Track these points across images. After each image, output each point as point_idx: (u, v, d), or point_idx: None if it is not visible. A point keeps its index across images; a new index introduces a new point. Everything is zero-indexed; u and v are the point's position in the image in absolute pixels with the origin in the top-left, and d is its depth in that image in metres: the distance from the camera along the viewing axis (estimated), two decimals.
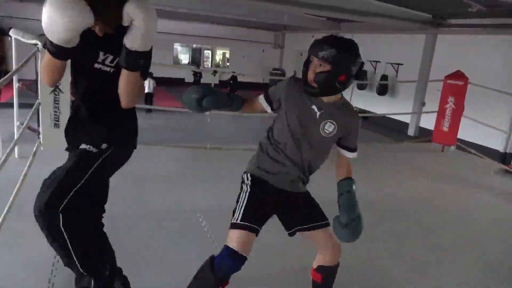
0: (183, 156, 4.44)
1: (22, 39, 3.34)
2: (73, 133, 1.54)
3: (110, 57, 1.39)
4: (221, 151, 4.72)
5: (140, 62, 1.34)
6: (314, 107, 1.54)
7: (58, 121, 3.58)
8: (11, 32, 3.40)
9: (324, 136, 1.56)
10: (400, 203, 3.57)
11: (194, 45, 17.77)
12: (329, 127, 1.55)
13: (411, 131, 10.48)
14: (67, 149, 1.56)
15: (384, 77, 11.04)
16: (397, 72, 10.96)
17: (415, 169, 4.77)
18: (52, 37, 1.22)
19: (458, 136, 5.65)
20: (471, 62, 7.89)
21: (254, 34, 17.16)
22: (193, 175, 3.77)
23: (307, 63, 1.49)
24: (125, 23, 1.27)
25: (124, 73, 1.37)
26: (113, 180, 1.64)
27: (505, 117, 7.84)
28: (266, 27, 16.77)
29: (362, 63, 1.48)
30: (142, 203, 3.00)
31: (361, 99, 10.85)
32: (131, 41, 1.29)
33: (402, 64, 10.82)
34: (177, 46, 17.51)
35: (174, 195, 3.20)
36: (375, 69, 11.70)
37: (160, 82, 14.85)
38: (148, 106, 8.95)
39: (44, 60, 1.34)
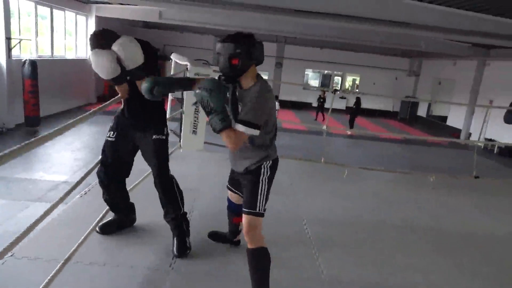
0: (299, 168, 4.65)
1: (178, 61, 4.12)
2: None
3: None
4: (335, 166, 4.76)
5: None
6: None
7: (196, 128, 4.17)
8: (172, 56, 4.24)
9: None
10: None
11: (325, 71, 18.18)
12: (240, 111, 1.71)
13: None
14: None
15: None
16: None
17: None
18: None
19: None
20: None
21: (388, 60, 16.66)
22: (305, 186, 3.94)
23: None
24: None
25: None
26: None
27: None
28: (401, 54, 16.09)
29: (251, 45, 1.63)
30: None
31: None
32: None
33: None
34: (308, 72, 18.19)
35: (285, 202, 3.42)
36: None
37: (290, 105, 15.86)
38: None
39: None
